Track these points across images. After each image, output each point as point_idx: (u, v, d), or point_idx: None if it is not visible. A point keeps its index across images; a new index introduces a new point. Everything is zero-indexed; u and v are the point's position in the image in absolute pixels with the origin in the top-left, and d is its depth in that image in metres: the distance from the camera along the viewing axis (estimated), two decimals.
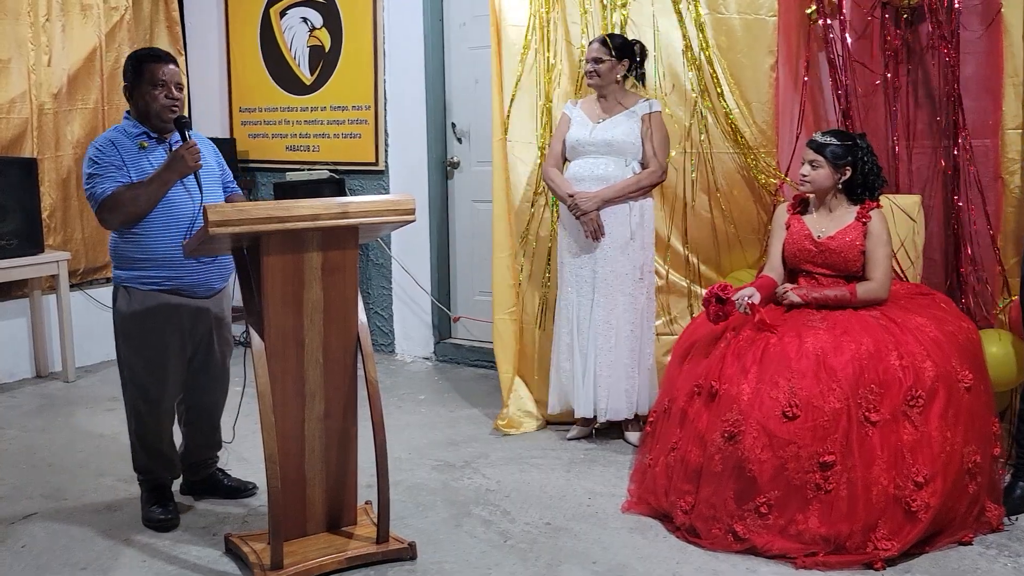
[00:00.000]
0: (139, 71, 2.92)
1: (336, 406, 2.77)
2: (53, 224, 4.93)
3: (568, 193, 3.61)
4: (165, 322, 2.93)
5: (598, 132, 3.61)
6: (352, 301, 2.75)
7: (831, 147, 3.11)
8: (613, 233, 3.59)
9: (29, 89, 4.81)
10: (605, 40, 3.58)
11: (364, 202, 2.72)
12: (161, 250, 2.88)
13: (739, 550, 2.77)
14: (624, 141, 3.58)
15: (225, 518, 3.10)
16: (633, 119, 3.60)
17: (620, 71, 3.61)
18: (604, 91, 3.64)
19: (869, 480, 2.68)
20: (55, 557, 2.83)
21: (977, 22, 3.41)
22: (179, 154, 2.85)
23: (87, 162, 2.90)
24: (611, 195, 3.56)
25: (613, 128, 3.60)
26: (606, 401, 3.64)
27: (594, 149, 3.62)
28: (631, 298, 3.61)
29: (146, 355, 2.95)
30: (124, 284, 2.93)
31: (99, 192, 2.85)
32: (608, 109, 3.65)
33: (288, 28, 5.37)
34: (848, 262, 3.10)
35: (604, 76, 3.59)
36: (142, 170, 2.89)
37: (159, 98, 2.90)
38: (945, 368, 2.79)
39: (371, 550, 2.76)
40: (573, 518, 3.06)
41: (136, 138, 2.93)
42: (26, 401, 4.45)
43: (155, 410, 3.00)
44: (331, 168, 5.17)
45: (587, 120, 3.66)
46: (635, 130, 3.59)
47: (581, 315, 3.66)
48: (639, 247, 3.62)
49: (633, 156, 3.61)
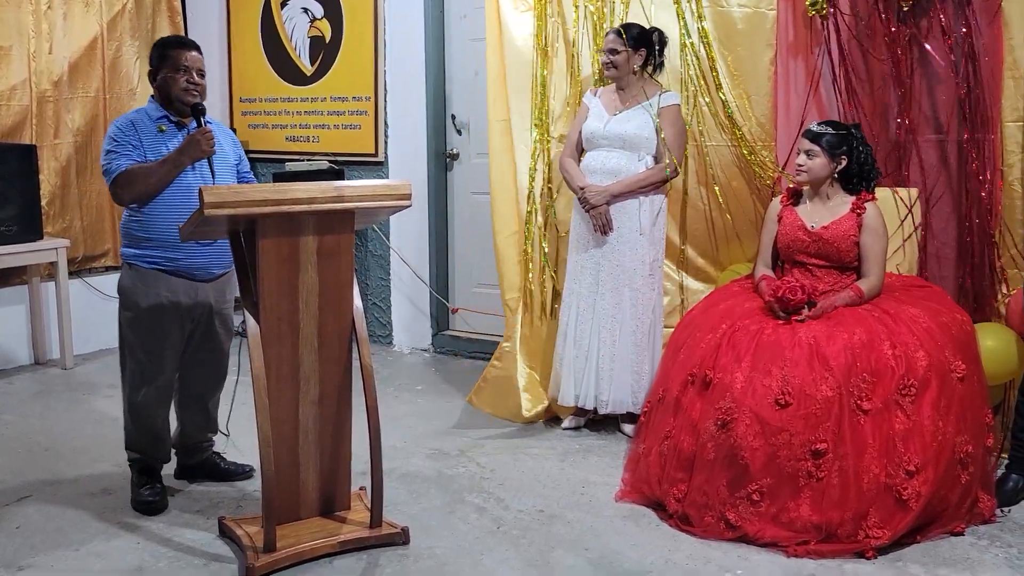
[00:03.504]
0: (163, 56, 3.00)
1: (330, 390, 2.78)
2: (52, 211, 4.94)
3: (580, 186, 3.60)
4: (164, 301, 2.97)
5: (612, 125, 3.59)
6: (347, 286, 2.75)
7: (827, 136, 3.12)
8: (622, 228, 3.58)
9: (30, 77, 4.81)
10: (620, 31, 3.55)
11: (360, 186, 2.73)
12: (164, 231, 2.93)
13: (731, 538, 2.78)
14: (637, 135, 3.55)
15: (219, 502, 3.10)
16: (649, 112, 3.56)
17: (637, 61, 3.58)
18: (622, 82, 3.61)
19: (861, 468, 2.68)
20: (49, 538, 2.85)
21: (978, 15, 3.40)
22: (194, 138, 2.90)
23: (107, 139, 2.97)
24: (619, 190, 3.55)
25: (627, 121, 3.57)
26: (608, 393, 3.63)
27: (607, 142, 3.59)
28: (637, 293, 3.60)
29: (144, 332, 2.99)
30: (129, 261, 3.00)
31: (114, 168, 2.92)
32: (625, 101, 3.62)
33: (289, 18, 5.37)
34: (842, 252, 3.10)
35: (621, 67, 3.56)
36: (159, 152, 2.95)
37: (180, 82, 2.96)
38: (938, 358, 2.79)
39: (364, 534, 2.77)
40: (567, 506, 3.06)
41: (157, 121, 2.99)
42: (24, 387, 4.46)
43: (151, 387, 3.02)
44: (331, 159, 5.18)
45: (604, 112, 3.64)
46: (650, 124, 3.55)
47: (583, 306, 3.66)
48: (648, 243, 3.59)
49: (647, 150, 3.57)
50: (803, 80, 3.72)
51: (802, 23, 3.71)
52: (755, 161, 3.74)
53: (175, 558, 2.72)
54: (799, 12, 3.70)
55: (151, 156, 2.94)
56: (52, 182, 4.94)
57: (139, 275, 2.97)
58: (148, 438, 3.09)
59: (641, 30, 3.60)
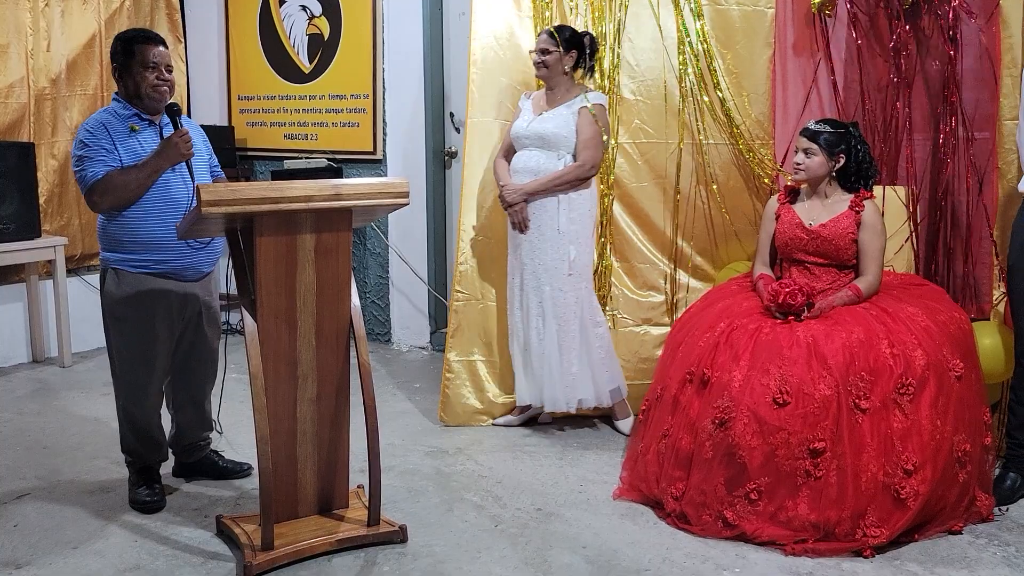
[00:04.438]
0: (129, 52, 2.90)
1: (328, 388, 2.77)
2: (50, 209, 4.94)
3: (500, 184, 3.66)
4: (155, 304, 2.93)
5: (533, 125, 3.60)
6: (345, 284, 2.75)
7: (825, 135, 3.11)
8: (542, 226, 3.58)
9: (27, 74, 4.81)
10: (553, 32, 3.56)
11: (358, 184, 2.72)
12: (152, 233, 2.88)
13: (729, 536, 2.78)
14: (555, 134, 3.55)
15: (217, 500, 3.10)
16: (570, 112, 3.56)
17: (568, 63, 3.57)
18: (551, 83, 3.62)
19: (859, 467, 2.68)
20: (46, 536, 2.84)
21: (976, 14, 3.41)
22: (172, 141, 2.85)
23: (77, 144, 2.88)
24: (534, 188, 3.56)
25: (546, 121, 3.57)
26: (540, 391, 3.65)
27: (529, 142, 3.61)
28: (559, 292, 3.58)
29: (135, 337, 2.95)
30: (113, 266, 2.93)
31: (89, 175, 2.84)
32: (552, 101, 3.62)
33: (287, 16, 5.36)
34: (840, 250, 3.10)
35: (551, 67, 3.57)
36: (133, 151, 2.88)
37: (150, 79, 2.88)
38: (936, 357, 2.79)
39: (362, 532, 2.77)
40: (564, 504, 3.06)
41: (127, 120, 2.91)
42: (21, 386, 4.46)
43: (144, 392, 3.01)
44: (329, 157, 5.18)
45: (530, 112, 3.66)
46: (569, 123, 3.55)
47: (516, 305, 3.69)
48: (567, 241, 3.57)
49: (566, 149, 3.57)
50: (801, 78, 3.73)
51: (801, 22, 3.71)
52: (753, 159, 3.74)
53: (173, 556, 2.72)
54: (798, 10, 3.70)
55: (126, 157, 2.85)
56: (50, 180, 4.94)
57: (126, 280, 2.90)
58: (143, 442, 3.08)
59: (573, 32, 3.60)
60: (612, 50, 3.79)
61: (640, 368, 3.84)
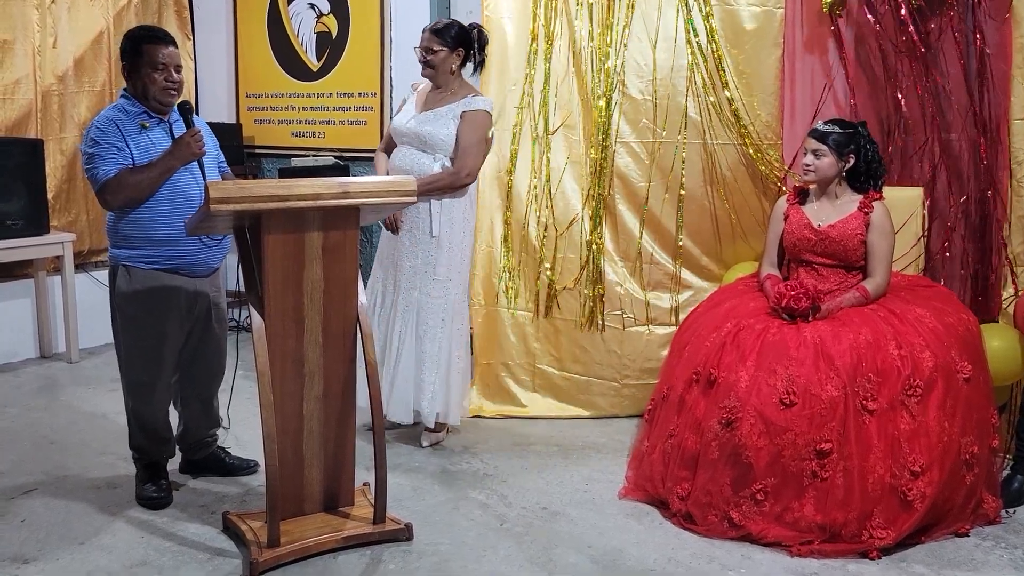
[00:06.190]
0: (138, 52, 2.89)
1: (335, 386, 2.78)
2: (58, 205, 4.95)
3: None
4: (165, 301, 2.93)
5: (412, 123, 3.46)
6: (352, 282, 2.75)
7: (834, 135, 3.10)
8: (414, 230, 3.44)
9: (34, 71, 4.82)
10: (438, 29, 3.45)
11: (365, 182, 2.73)
12: (164, 230, 2.88)
13: (735, 537, 2.77)
14: (433, 135, 3.39)
15: (223, 497, 3.11)
16: (452, 116, 3.41)
17: (455, 62, 3.45)
18: (438, 82, 3.48)
19: (865, 469, 2.68)
20: (54, 531, 2.85)
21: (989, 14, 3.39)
22: (184, 141, 2.86)
23: (88, 141, 2.88)
24: None
25: (426, 123, 3.42)
26: (387, 402, 3.44)
27: (407, 140, 3.48)
28: (426, 297, 3.44)
29: (145, 335, 2.95)
30: (123, 263, 2.93)
31: (101, 174, 2.84)
32: (436, 100, 3.47)
33: (296, 14, 5.37)
34: (848, 251, 3.09)
35: (437, 67, 3.43)
36: (144, 148, 2.88)
37: (159, 81, 2.88)
38: (944, 359, 2.78)
39: (367, 530, 2.77)
40: (570, 503, 3.06)
41: (137, 117, 2.91)
42: (29, 381, 4.47)
43: (152, 389, 3.01)
44: (336, 154, 5.18)
45: (413, 108, 3.53)
46: (449, 126, 3.39)
47: (383, 311, 3.54)
48: (437, 246, 3.43)
49: (444, 153, 3.41)
50: (810, 79, 3.71)
51: (811, 21, 3.70)
52: (761, 160, 3.73)
53: (179, 552, 2.73)
54: (808, 11, 3.69)
55: (138, 154, 2.85)
56: (58, 176, 4.95)
57: (137, 277, 2.90)
58: (151, 438, 3.08)
59: (460, 28, 3.47)
60: (619, 50, 3.78)
61: (645, 368, 3.84)
